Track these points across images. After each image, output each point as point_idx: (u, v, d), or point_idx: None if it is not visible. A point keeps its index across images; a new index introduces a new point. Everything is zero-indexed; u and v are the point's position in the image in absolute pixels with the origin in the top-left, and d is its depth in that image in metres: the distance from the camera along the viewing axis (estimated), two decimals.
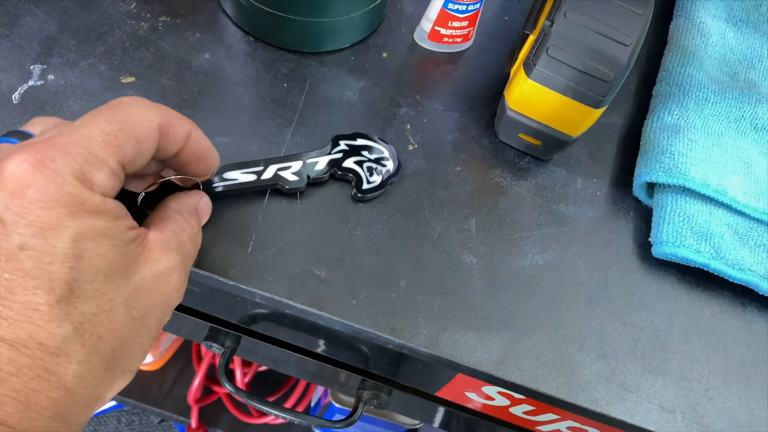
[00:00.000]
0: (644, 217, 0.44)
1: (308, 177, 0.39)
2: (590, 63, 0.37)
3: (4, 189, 0.23)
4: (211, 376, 1.06)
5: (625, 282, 0.42)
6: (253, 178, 0.38)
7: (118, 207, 0.26)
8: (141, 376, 1.10)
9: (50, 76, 0.40)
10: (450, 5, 0.43)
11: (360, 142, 0.40)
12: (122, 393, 1.08)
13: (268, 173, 0.38)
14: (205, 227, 0.36)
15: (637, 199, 0.44)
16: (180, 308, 0.47)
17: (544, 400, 0.38)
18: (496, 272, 0.40)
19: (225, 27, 0.45)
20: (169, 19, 0.44)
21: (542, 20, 0.39)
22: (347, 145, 0.40)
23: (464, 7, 0.43)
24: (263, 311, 0.43)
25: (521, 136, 0.42)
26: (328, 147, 0.40)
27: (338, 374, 0.49)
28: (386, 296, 0.38)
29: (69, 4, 0.43)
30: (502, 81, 0.43)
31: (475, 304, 0.39)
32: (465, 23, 0.44)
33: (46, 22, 0.42)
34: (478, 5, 0.44)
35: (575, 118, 0.39)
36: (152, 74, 0.41)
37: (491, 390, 0.42)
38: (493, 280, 0.40)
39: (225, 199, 0.38)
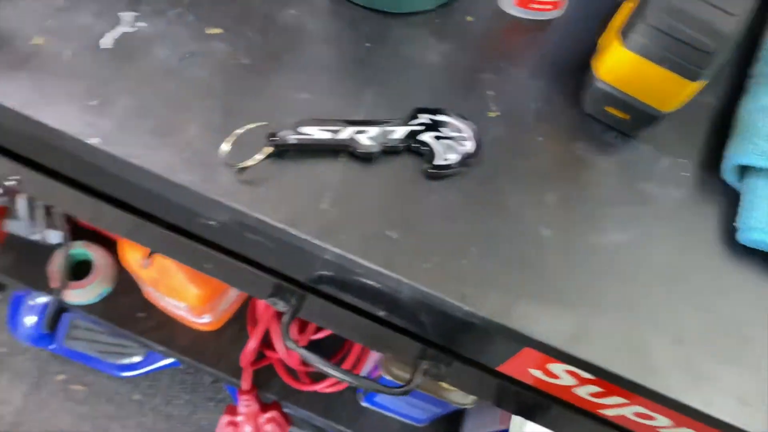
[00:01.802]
0: (732, 202, 0.42)
1: (383, 144, 0.38)
2: (692, 33, 0.35)
3: None
4: (265, 341, 1.08)
5: (707, 267, 0.40)
6: (328, 136, 0.37)
7: None
8: (198, 335, 1.12)
9: (141, 23, 0.40)
10: None
11: (441, 117, 0.39)
12: (179, 351, 1.11)
13: (344, 134, 0.38)
14: (278, 181, 0.37)
15: (725, 182, 0.42)
16: (248, 262, 0.47)
17: (615, 382, 0.37)
18: (573, 247, 0.39)
19: None
20: None
21: None
22: (428, 118, 0.39)
23: None
24: (330, 271, 0.43)
25: (608, 109, 0.41)
26: (408, 117, 0.39)
27: (399, 340, 0.49)
28: (457, 263, 0.37)
29: None
30: (589, 52, 0.42)
31: (549, 278, 0.38)
32: None
33: None
34: None
35: (669, 91, 0.37)
36: (238, 27, 0.41)
37: (557, 368, 0.41)
38: (569, 254, 0.38)
39: (300, 154, 0.38)
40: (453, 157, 0.38)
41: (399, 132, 0.38)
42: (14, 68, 0.38)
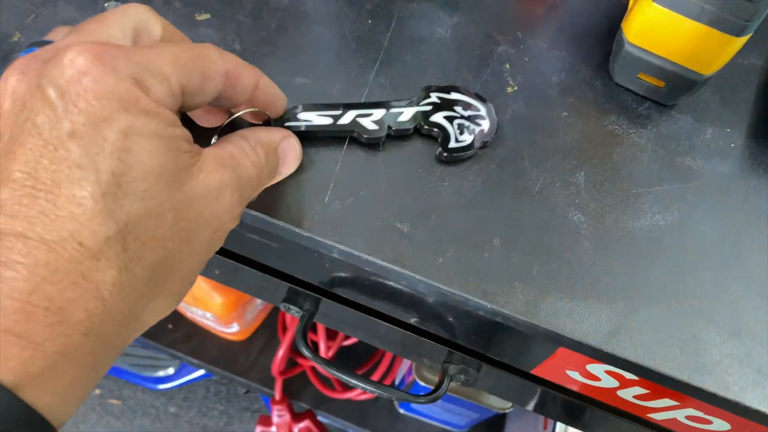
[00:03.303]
0: None
1: (389, 128, 0.34)
2: None
3: (60, 75, 0.22)
4: (296, 348, 1.05)
5: (765, 249, 0.35)
6: (329, 121, 0.34)
7: (174, 117, 0.24)
8: (228, 345, 1.10)
9: None
10: None
11: (454, 95, 0.35)
12: (209, 361, 1.10)
13: (346, 118, 0.34)
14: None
15: None
16: (257, 266, 0.44)
17: (662, 382, 0.32)
18: (608, 233, 0.34)
19: None
20: None
21: None
22: (439, 97, 0.35)
23: None
24: (342, 271, 0.39)
25: (641, 76, 0.36)
26: (417, 97, 0.35)
27: (421, 345, 0.45)
28: (477, 256, 0.33)
29: None
30: (618, 15, 0.37)
31: (582, 268, 0.33)
32: None
33: None
34: None
35: (710, 50, 0.33)
36: (228, 11, 0.38)
37: (598, 368, 0.37)
38: (605, 241, 0.34)
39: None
40: (468, 139, 0.34)
41: (407, 114, 0.34)
42: None
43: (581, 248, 0.34)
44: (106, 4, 0.38)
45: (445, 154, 0.34)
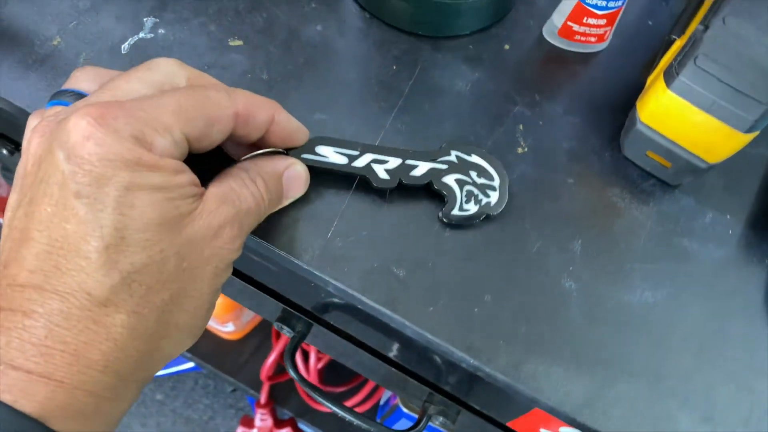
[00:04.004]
0: None
1: (400, 180, 0.34)
2: (746, 79, 0.31)
3: (67, 140, 0.24)
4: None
5: (748, 339, 0.36)
6: (344, 161, 0.34)
7: (178, 165, 0.26)
8: (220, 343, 1.12)
9: (161, 30, 0.39)
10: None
11: (474, 159, 0.35)
12: (201, 356, 1.11)
13: (361, 161, 0.34)
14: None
15: None
16: (255, 284, 0.45)
17: None
18: (598, 303, 0.35)
19: (341, 0, 0.42)
20: None
21: (694, 25, 0.34)
22: (458, 157, 0.35)
23: (604, 3, 0.38)
24: (336, 302, 0.40)
25: (649, 154, 0.37)
26: (436, 151, 0.35)
27: (405, 382, 0.46)
28: (468, 309, 0.34)
29: None
30: (635, 91, 0.38)
31: (568, 334, 0.34)
32: (602, 21, 0.40)
33: None
34: (620, 3, 0.39)
35: (717, 141, 0.34)
36: (260, 40, 0.40)
37: (570, 431, 0.38)
38: (593, 311, 0.35)
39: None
40: (472, 209, 0.35)
41: (421, 168, 0.35)
42: (30, 68, 0.37)
43: (569, 315, 0.35)
44: (145, 19, 0.39)
45: (444, 219, 0.35)
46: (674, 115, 0.34)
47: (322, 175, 0.35)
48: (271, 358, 0.98)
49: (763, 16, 0.31)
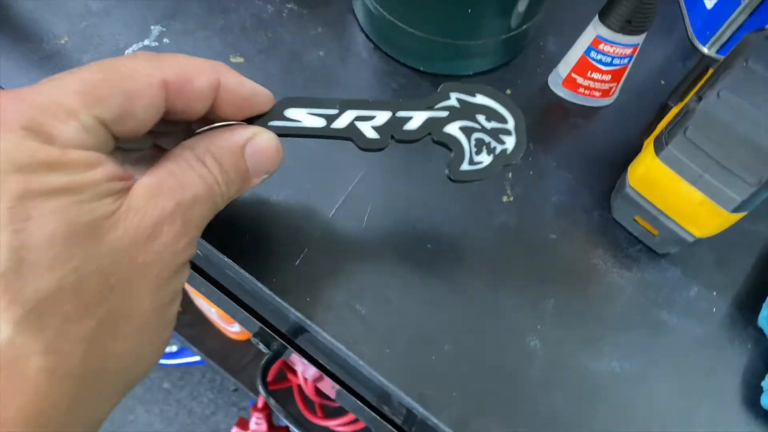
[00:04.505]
0: (764, 355, 0.36)
1: (393, 137, 0.29)
2: (736, 157, 0.30)
3: None
4: (287, 364, 1.06)
5: (718, 427, 0.34)
6: (321, 123, 0.28)
7: (90, 157, 0.21)
8: (227, 342, 1.13)
9: (165, 40, 0.40)
10: (592, 54, 0.37)
11: (480, 100, 0.29)
12: (206, 352, 1.12)
13: (343, 120, 0.28)
14: (252, 207, 0.34)
15: (761, 331, 0.36)
16: (233, 298, 0.45)
17: None
18: (562, 367, 0.34)
19: (348, 28, 0.42)
20: (296, 7, 0.42)
21: (691, 94, 0.32)
22: (460, 101, 0.29)
23: (608, 59, 0.37)
24: (301, 330, 0.40)
25: (637, 219, 0.36)
26: (433, 98, 0.29)
27: (373, 420, 0.45)
28: (425, 356, 0.33)
29: None
30: (633, 152, 0.37)
31: (525, 395, 0.33)
32: (607, 77, 0.39)
33: None
34: (626, 61, 0.38)
35: (703, 216, 0.32)
36: (261, 59, 0.40)
37: None
38: (555, 374, 0.34)
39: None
40: (485, 160, 0.29)
41: (417, 119, 0.29)
42: (34, 64, 0.38)
43: (530, 375, 0.34)
44: (152, 27, 0.40)
45: (453, 177, 0.29)
46: (661, 184, 0.33)
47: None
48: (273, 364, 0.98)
49: (760, 93, 0.30)
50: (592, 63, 0.38)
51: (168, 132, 0.28)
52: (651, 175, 0.33)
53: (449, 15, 0.37)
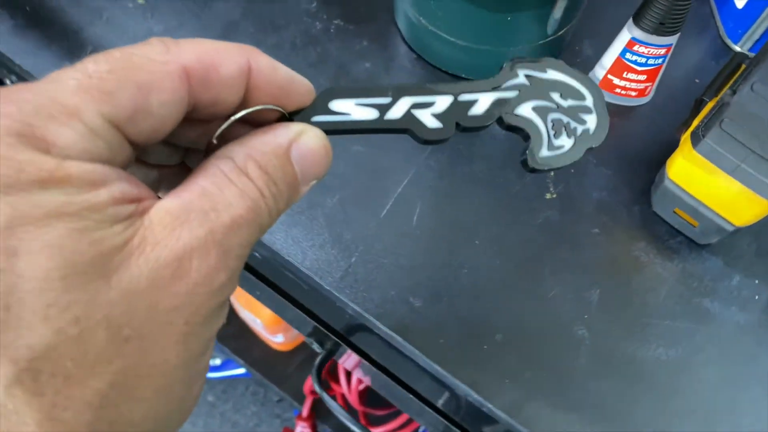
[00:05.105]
0: None
1: (458, 124, 0.24)
2: None
3: None
4: (332, 372, 1.08)
5: (762, 411, 0.35)
6: (374, 114, 0.24)
7: (95, 171, 0.16)
8: (271, 353, 1.15)
9: None
10: (627, 55, 0.39)
11: (552, 75, 0.25)
12: (251, 363, 1.15)
13: (398, 110, 0.24)
14: (312, 213, 0.36)
15: None
16: (289, 298, 0.48)
17: None
18: (609, 355, 0.35)
19: (392, 40, 0.45)
20: (342, 23, 0.45)
21: (726, 89, 0.34)
22: (530, 78, 0.25)
23: (644, 60, 0.39)
24: (356, 325, 0.42)
25: (677, 211, 0.38)
26: (499, 77, 0.25)
27: (423, 411, 0.47)
28: (477, 346, 0.35)
29: None
30: (670, 147, 0.38)
31: (574, 382, 0.35)
32: (642, 77, 0.40)
33: (233, 8, 0.45)
34: (660, 61, 0.39)
35: (741, 205, 0.34)
36: (312, 73, 0.43)
37: None
38: (602, 362, 0.35)
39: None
40: (566, 144, 0.25)
41: (483, 102, 0.24)
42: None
43: (578, 363, 0.35)
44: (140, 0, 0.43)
45: (531, 166, 0.25)
46: (700, 175, 0.34)
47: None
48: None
49: None
50: (628, 64, 0.40)
51: (197, 143, 0.23)
52: (689, 168, 0.35)
53: (488, 23, 0.39)
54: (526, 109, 0.25)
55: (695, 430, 0.34)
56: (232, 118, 0.21)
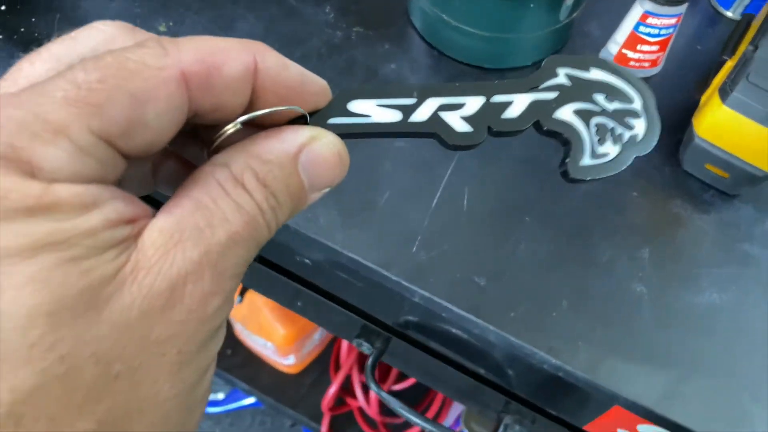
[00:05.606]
0: None
1: (489, 128, 0.22)
2: None
3: None
4: (345, 387, 1.09)
5: None
6: (397, 117, 0.22)
7: (85, 193, 0.15)
8: (281, 376, 1.15)
9: None
10: (641, 28, 0.42)
11: (595, 75, 0.23)
12: (262, 389, 1.14)
13: (424, 112, 0.22)
14: (369, 216, 0.38)
15: None
16: (337, 301, 0.49)
17: None
18: (668, 306, 0.38)
19: (412, 40, 0.47)
20: (362, 30, 0.47)
21: (743, 46, 0.37)
22: (571, 77, 0.22)
23: (656, 31, 0.42)
24: (417, 315, 0.43)
25: (708, 166, 0.40)
26: (536, 76, 0.22)
27: (481, 392, 0.49)
28: (546, 314, 0.37)
29: (276, 12, 0.47)
30: (689, 110, 0.41)
31: (641, 335, 0.37)
32: (655, 48, 0.43)
33: (255, 26, 0.46)
34: (671, 30, 0.42)
35: None
36: (343, 79, 0.44)
37: (648, 429, 0.40)
38: (664, 313, 0.37)
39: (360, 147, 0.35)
40: (612, 151, 0.22)
41: (519, 104, 0.22)
42: None
43: (641, 317, 0.37)
44: (161, 27, 0.44)
45: (571, 175, 0.22)
46: (730, 128, 0.37)
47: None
48: (333, 389, 1.01)
49: None
50: (641, 37, 0.42)
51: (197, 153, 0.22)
52: (719, 123, 0.37)
53: (506, 10, 0.42)
54: (566, 113, 0.22)
55: (760, 361, 0.36)
56: (249, 116, 0.19)
